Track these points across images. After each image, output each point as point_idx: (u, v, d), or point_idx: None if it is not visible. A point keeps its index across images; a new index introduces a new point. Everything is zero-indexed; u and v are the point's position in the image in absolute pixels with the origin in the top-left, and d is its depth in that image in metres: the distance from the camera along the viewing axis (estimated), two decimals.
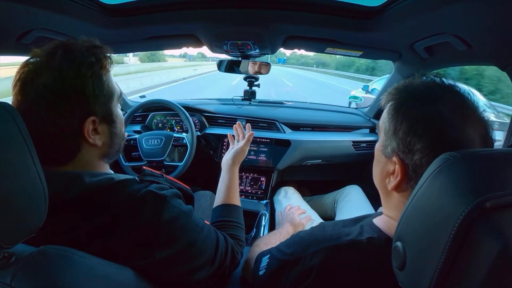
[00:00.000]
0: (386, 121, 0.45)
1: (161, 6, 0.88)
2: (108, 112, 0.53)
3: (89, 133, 0.49)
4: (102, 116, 0.51)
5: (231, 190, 0.78)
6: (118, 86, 0.57)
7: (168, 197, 0.51)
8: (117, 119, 0.55)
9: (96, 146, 0.51)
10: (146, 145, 1.25)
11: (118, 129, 0.56)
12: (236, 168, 0.84)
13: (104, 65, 0.52)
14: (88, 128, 0.49)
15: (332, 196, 1.38)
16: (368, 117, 1.58)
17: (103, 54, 0.52)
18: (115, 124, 0.55)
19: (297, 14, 0.87)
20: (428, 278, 0.31)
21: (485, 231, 0.28)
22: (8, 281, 0.34)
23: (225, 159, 0.86)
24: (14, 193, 0.34)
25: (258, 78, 1.45)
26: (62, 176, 0.47)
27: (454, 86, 0.43)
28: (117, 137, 0.56)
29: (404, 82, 0.47)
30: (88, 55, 0.50)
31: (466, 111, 0.40)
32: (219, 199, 0.77)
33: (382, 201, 0.50)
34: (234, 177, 0.81)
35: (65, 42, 0.50)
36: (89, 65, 0.49)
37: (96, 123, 0.50)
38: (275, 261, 0.54)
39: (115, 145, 0.56)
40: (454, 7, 0.60)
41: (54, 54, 0.47)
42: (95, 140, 0.51)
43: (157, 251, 0.47)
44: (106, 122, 0.53)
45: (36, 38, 0.82)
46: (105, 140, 0.53)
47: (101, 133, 0.52)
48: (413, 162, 0.41)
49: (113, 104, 0.54)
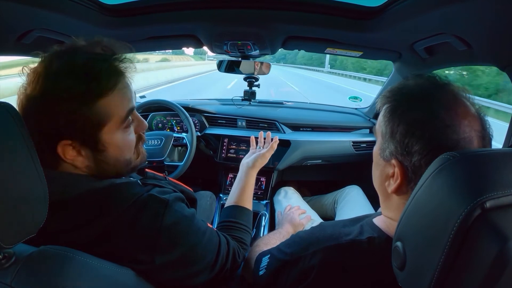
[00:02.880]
0: (382, 124, 0.45)
1: (161, 6, 0.88)
2: (90, 140, 0.46)
3: (66, 155, 0.45)
4: (82, 142, 0.46)
5: (245, 193, 0.78)
6: (129, 104, 0.49)
7: (170, 202, 0.50)
8: (108, 147, 0.47)
9: (78, 168, 0.47)
10: (146, 145, 1.25)
11: (110, 157, 0.48)
12: (255, 172, 0.84)
13: (100, 87, 0.44)
14: (64, 150, 0.45)
15: (332, 196, 1.38)
16: (368, 117, 1.58)
17: (110, 69, 0.46)
18: (104, 153, 0.48)
19: (297, 14, 0.87)
20: (428, 278, 0.31)
21: (485, 231, 0.28)
22: (8, 281, 0.34)
23: (245, 161, 0.86)
24: (14, 193, 0.34)
25: (258, 78, 1.45)
26: (64, 176, 0.47)
27: (448, 85, 0.43)
28: (108, 165, 0.49)
29: (398, 84, 0.46)
30: (84, 72, 0.43)
31: (461, 109, 0.40)
32: (232, 199, 0.76)
33: (382, 203, 0.49)
34: (250, 180, 0.81)
35: (69, 48, 0.46)
36: (70, 88, 0.42)
37: (75, 146, 0.45)
38: (275, 261, 0.54)
39: (107, 171, 0.49)
40: (454, 7, 0.60)
41: (50, 64, 0.44)
42: (74, 162, 0.46)
43: (157, 256, 0.47)
44: (90, 149, 0.47)
45: (36, 38, 0.82)
46: (89, 164, 0.48)
47: (85, 156, 0.47)
48: (412, 164, 0.40)
49: (105, 131, 0.46)
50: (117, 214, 0.46)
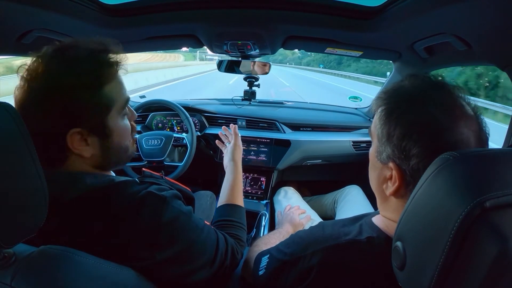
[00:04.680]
0: (378, 127, 0.44)
1: (161, 6, 0.88)
2: (98, 126, 0.49)
3: (74, 145, 0.47)
4: (90, 129, 0.48)
5: (234, 190, 0.78)
6: (125, 94, 0.53)
7: (168, 198, 0.51)
8: (112, 133, 0.50)
9: (84, 157, 0.49)
10: (146, 145, 1.25)
11: (114, 143, 0.51)
12: (239, 166, 0.84)
13: (105, 75, 0.48)
14: (72, 139, 0.46)
15: (332, 196, 1.38)
16: (368, 117, 1.58)
17: (107, 61, 0.49)
18: (109, 138, 0.50)
19: (297, 14, 0.87)
20: (428, 278, 0.31)
21: (485, 230, 0.28)
22: (8, 281, 0.34)
23: (226, 161, 0.87)
24: (14, 193, 0.34)
25: (258, 78, 1.45)
26: (63, 176, 0.47)
27: (443, 85, 0.42)
28: (112, 151, 0.52)
29: (393, 86, 0.46)
30: (85, 63, 0.47)
31: (458, 110, 0.40)
32: (223, 199, 0.77)
33: (379, 205, 0.49)
34: (238, 177, 0.82)
35: (69, 44, 0.48)
36: (81, 76, 0.46)
37: (84, 134, 0.47)
38: (275, 261, 0.54)
39: (110, 159, 0.52)
40: (454, 7, 0.60)
41: (52, 58, 0.46)
42: (81, 152, 0.48)
43: (157, 252, 0.47)
44: (97, 135, 0.49)
45: (36, 38, 0.82)
46: (94, 152, 0.50)
47: (91, 145, 0.49)
48: (410, 168, 0.40)
49: (110, 117, 0.50)
50: (117, 212, 0.47)
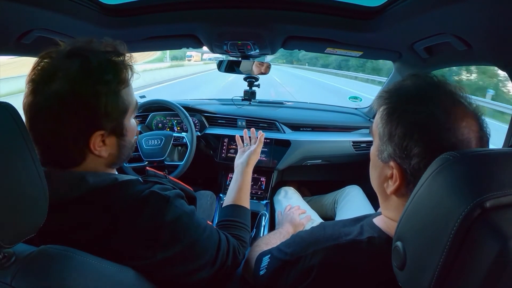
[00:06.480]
0: (380, 126, 0.45)
1: (161, 6, 0.88)
2: (118, 127, 0.51)
3: (95, 146, 0.48)
4: (111, 130, 0.50)
5: (242, 191, 0.78)
6: (134, 97, 0.55)
7: (171, 198, 0.51)
8: (127, 132, 0.53)
9: (102, 157, 0.50)
10: (146, 145, 1.25)
11: (127, 141, 0.54)
12: (250, 170, 0.85)
13: (123, 79, 0.49)
14: (94, 141, 0.47)
15: (332, 196, 1.38)
16: (368, 117, 1.58)
17: (123, 65, 0.49)
18: (124, 138, 0.53)
19: (297, 14, 0.87)
20: (428, 278, 0.31)
21: (485, 230, 0.28)
22: (8, 281, 0.34)
23: (239, 161, 0.87)
24: (14, 193, 0.34)
25: (258, 78, 1.45)
26: (66, 176, 0.47)
27: (445, 85, 0.42)
28: (126, 148, 0.54)
29: (394, 85, 0.46)
30: (107, 68, 0.47)
31: (459, 110, 0.40)
32: (229, 199, 0.77)
33: (381, 204, 0.49)
34: (247, 179, 0.82)
35: (84, 48, 0.48)
36: (106, 82, 0.47)
37: (105, 135, 0.49)
38: (276, 261, 0.54)
39: (123, 155, 0.55)
40: (454, 7, 0.60)
41: (71, 62, 0.45)
42: (100, 152, 0.49)
43: (159, 251, 0.48)
44: (115, 135, 0.51)
45: (36, 38, 0.82)
46: (112, 151, 0.52)
47: (109, 145, 0.51)
48: (411, 167, 0.40)
49: (126, 118, 0.52)
50: (120, 211, 0.47)
